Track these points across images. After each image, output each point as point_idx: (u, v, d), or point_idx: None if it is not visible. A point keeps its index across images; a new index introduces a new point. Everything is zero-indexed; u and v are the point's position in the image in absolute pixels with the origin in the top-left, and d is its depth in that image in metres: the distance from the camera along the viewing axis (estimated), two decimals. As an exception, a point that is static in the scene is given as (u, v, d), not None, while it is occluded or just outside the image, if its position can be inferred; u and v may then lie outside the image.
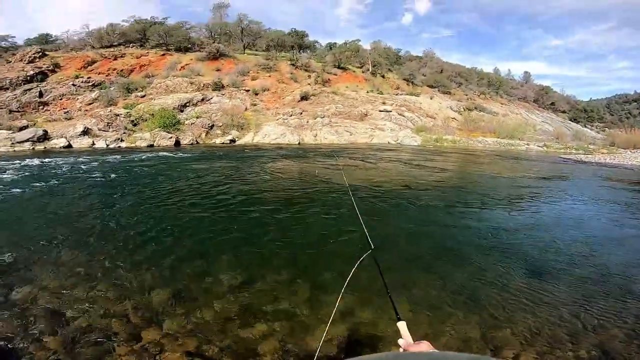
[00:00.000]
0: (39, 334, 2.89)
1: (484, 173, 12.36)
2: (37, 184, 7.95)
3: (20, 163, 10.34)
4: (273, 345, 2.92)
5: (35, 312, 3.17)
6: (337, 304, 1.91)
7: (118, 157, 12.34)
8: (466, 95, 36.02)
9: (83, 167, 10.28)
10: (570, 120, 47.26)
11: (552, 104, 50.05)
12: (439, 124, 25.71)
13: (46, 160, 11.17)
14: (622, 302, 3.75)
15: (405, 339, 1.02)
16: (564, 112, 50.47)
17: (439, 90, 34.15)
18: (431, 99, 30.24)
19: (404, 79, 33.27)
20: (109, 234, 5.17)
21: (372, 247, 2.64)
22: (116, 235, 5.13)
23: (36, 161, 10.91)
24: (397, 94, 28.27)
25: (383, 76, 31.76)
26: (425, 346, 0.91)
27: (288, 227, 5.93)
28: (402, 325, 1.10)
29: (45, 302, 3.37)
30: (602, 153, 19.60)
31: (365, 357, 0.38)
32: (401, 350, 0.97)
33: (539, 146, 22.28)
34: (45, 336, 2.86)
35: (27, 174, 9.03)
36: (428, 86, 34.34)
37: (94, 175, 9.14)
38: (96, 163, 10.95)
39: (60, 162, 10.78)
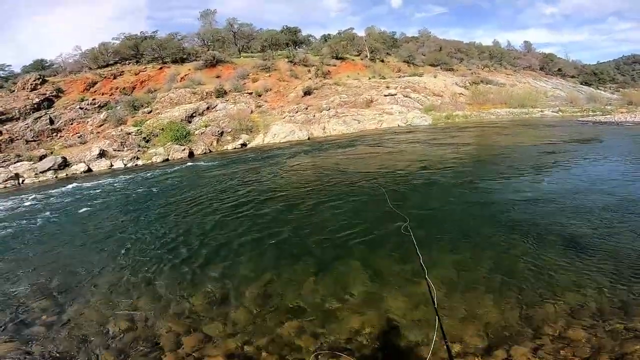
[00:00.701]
0: (95, 350, 3.04)
1: (502, 144, 12.12)
2: (71, 210, 8.31)
3: (49, 192, 10.70)
4: (308, 339, 2.95)
5: (88, 329, 3.40)
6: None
7: (137, 175, 12.67)
8: (469, 70, 35.25)
9: (108, 188, 10.63)
10: (582, 84, 45.75)
11: (559, 70, 48.58)
12: (447, 101, 25.33)
13: (71, 186, 11.47)
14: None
15: None
16: (573, 77, 48.90)
17: (441, 68, 33.52)
18: (435, 77, 29.75)
19: (404, 61, 32.75)
20: (142, 248, 5.44)
21: (408, 220, 2.66)
22: (148, 248, 5.39)
23: (63, 189, 11.26)
24: (399, 77, 27.92)
25: (382, 61, 31.32)
26: None
27: (312, 220, 5.96)
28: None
29: (94, 318, 3.60)
30: (622, 112, 19.05)
31: None
32: None
33: (553, 112, 21.78)
34: (100, 351, 3.02)
35: (59, 201, 9.38)
36: (430, 65, 33.73)
37: (119, 195, 9.50)
38: (119, 184, 11.28)
39: (86, 187, 11.12)
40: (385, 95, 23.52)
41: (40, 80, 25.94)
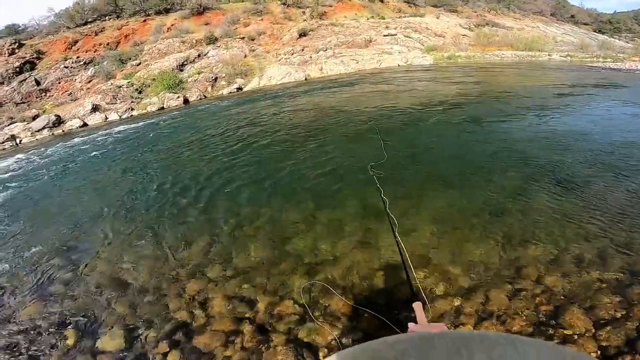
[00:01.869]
0: (107, 301, 3.17)
1: (505, 84, 11.62)
2: (71, 163, 8.12)
3: (47, 149, 10.43)
4: (301, 279, 3.05)
5: (101, 282, 3.44)
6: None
7: (134, 124, 12.33)
8: (475, 12, 32.87)
9: (106, 139, 10.35)
10: (595, 31, 42.73)
11: (572, 16, 45.23)
12: (449, 42, 23.83)
13: (68, 141, 11.18)
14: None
15: (420, 321, 0.94)
16: (586, 24, 45.61)
17: (444, 9, 31.21)
18: (437, 18, 27.79)
19: (405, 1, 30.44)
20: (144, 195, 5.38)
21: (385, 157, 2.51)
22: (150, 196, 5.33)
23: (61, 144, 10.99)
24: (400, 17, 26.03)
25: (382, 1, 29.07)
26: (439, 328, 0.82)
27: (309, 157, 5.90)
28: (417, 306, 1.03)
29: (105, 270, 3.63)
30: (634, 60, 17.83)
31: (390, 337, 0.35)
32: (413, 328, 0.89)
33: (561, 56, 20.43)
34: (112, 302, 3.14)
35: (58, 156, 9.15)
36: (432, 6, 31.38)
37: (118, 145, 9.25)
38: (116, 134, 10.98)
39: (84, 140, 10.83)
40: (384, 36, 22.09)
41: (17, 44, 24.44)
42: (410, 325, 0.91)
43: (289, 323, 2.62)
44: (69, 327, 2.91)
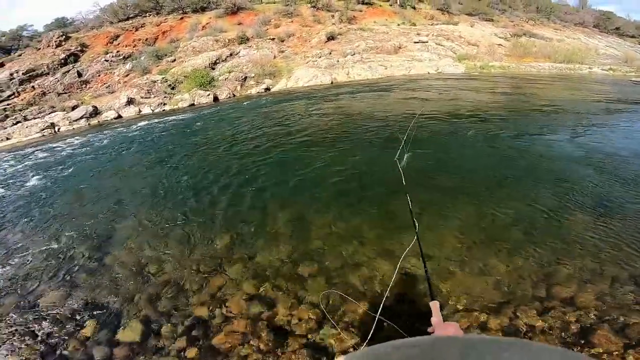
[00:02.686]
0: (128, 292, 3.18)
1: (542, 97, 11.11)
2: (103, 153, 8.49)
3: (83, 138, 11.04)
4: (321, 283, 3.01)
5: (125, 274, 3.47)
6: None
7: (165, 118, 12.84)
8: (512, 22, 31.74)
9: (138, 132, 10.82)
10: None
11: (617, 28, 42.69)
12: (483, 51, 23.13)
13: (103, 131, 11.79)
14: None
15: (436, 317, 1.02)
16: (633, 37, 42.88)
17: (479, 18, 30.34)
18: (472, 27, 27.07)
19: (438, 9, 29.88)
20: (171, 189, 5.50)
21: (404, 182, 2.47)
22: (177, 190, 5.44)
23: (96, 134, 11.57)
24: (432, 24, 25.56)
25: (414, 7, 28.71)
26: (453, 328, 0.90)
27: (334, 162, 5.88)
28: (434, 305, 1.10)
29: (130, 262, 3.67)
30: None
31: (397, 341, 0.35)
32: (430, 329, 0.97)
33: (603, 69, 19.27)
34: (134, 294, 3.15)
35: (93, 145, 9.65)
36: (466, 14, 30.60)
37: (149, 138, 9.65)
38: (148, 127, 11.49)
39: (117, 132, 11.39)
40: (415, 42, 21.77)
41: (64, 37, 26.15)
42: (432, 319, 1.00)
43: (307, 327, 2.61)
44: (89, 317, 2.93)
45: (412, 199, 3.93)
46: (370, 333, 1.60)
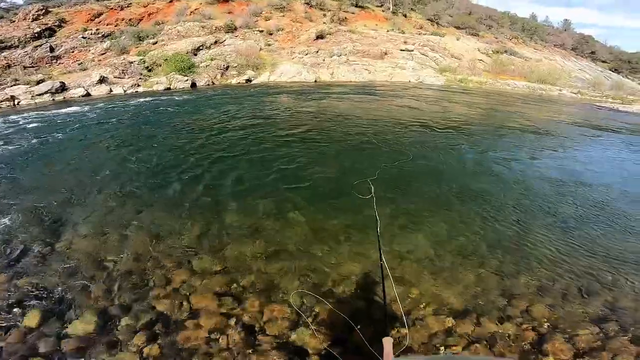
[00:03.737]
0: (83, 282, 2.91)
1: (511, 114, 11.60)
2: (65, 131, 7.82)
3: (45, 113, 10.34)
4: (293, 282, 2.93)
5: (79, 262, 3.20)
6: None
7: (136, 100, 12.23)
8: (496, 38, 32.76)
9: (105, 111, 10.22)
10: (611, 69, 42.48)
11: (592, 52, 45.11)
12: (465, 65, 23.63)
13: (68, 109, 11.08)
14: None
15: (387, 357, 0.96)
16: (604, 62, 45.42)
17: (466, 32, 31.12)
18: (457, 39, 27.60)
19: (428, 19, 30.40)
20: (136, 175, 5.11)
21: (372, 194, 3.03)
22: (142, 176, 5.06)
23: (60, 110, 10.88)
24: (420, 34, 25.92)
25: (405, 15, 29.08)
26: None
27: (310, 162, 5.76)
28: (387, 342, 1.05)
29: (86, 249, 3.33)
30: None
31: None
32: None
33: (572, 92, 20.18)
34: (89, 283, 2.89)
35: (54, 122, 8.95)
36: (455, 27, 31.32)
37: (116, 119, 9.09)
38: (117, 108, 10.88)
39: (83, 110, 10.70)
40: (401, 50, 21.98)
41: (44, 11, 24.74)
42: None
43: (278, 326, 2.51)
44: (34, 306, 2.63)
45: (381, 209, 3.90)
46: None
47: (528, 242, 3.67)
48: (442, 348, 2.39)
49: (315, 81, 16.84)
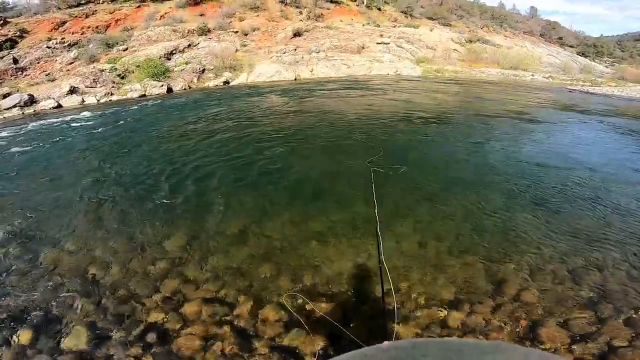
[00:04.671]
0: (71, 297, 2.85)
1: (488, 100, 11.99)
2: (40, 145, 7.45)
3: (15, 128, 9.79)
4: (285, 284, 2.91)
5: (65, 277, 3.08)
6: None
7: (111, 109, 11.85)
8: (468, 27, 33.58)
9: (79, 123, 9.78)
10: (578, 54, 44.40)
11: (560, 38, 47.09)
12: (440, 55, 24.13)
13: (39, 122, 10.60)
14: (625, 237, 3.46)
15: None
16: (571, 46, 47.43)
17: (439, 23, 31.72)
18: (431, 30, 28.14)
19: (402, 12, 30.78)
20: (117, 185, 4.95)
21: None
22: (124, 186, 4.91)
23: (31, 124, 10.35)
24: (394, 27, 26.23)
25: (379, 9, 29.32)
26: None
27: (292, 162, 5.70)
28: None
29: (69, 264, 3.22)
30: (610, 85, 18.49)
31: (383, 344, 0.36)
32: None
33: (544, 77, 20.97)
34: (77, 298, 2.83)
35: (27, 137, 8.49)
36: (427, 18, 31.89)
37: (91, 129, 8.75)
38: (91, 118, 10.46)
39: (56, 122, 10.24)
40: (377, 43, 22.19)
41: (2, 21, 23.42)
42: None
43: (272, 329, 2.49)
44: (24, 324, 2.59)
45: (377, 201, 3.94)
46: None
47: (514, 227, 3.67)
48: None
49: (295, 79, 16.74)
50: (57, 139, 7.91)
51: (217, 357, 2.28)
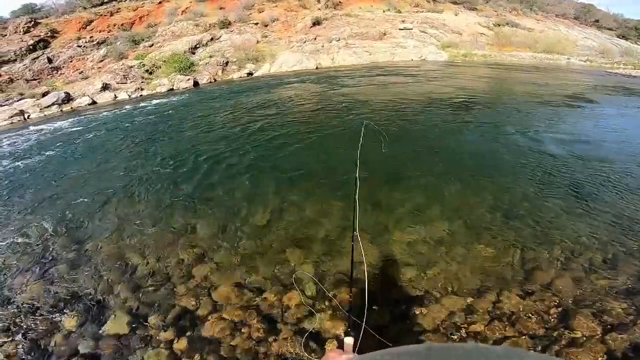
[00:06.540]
0: (111, 284, 3.04)
1: (522, 85, 11.35)
2: (79, 140, 7.93)
3: (56, 124, 10.37)
4: (309, 269, 2.99)
5: (106, 264, 3.30)
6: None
7: (143, 104, 12.27)
8: (495, 11, 31.96)
9: (114, 117, 10.27)
10: (618, 37, 41.15)
11: (597, 21, 43.66)
12: (467, 40, 23.19)
13: (77, 118, 11.13)
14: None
15: (344, 355, 0.85)
16: (610, 29, 44.02)
17: (464, 7, 30.41)
18: (456, 15, 27.09)
19: (424, -4, 29.67)
20: (151, 176, 5.21)
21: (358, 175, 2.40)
22: (157, 176, 5.17)
23: (70, 120, 10.92)
24: (417, 12, 25.43)
25: (400, -5, 28.40)
26: None
27: (321, 149, 5.73)
28: (349, 341, 0.99)
29: (110, 252, 3.45)
30: None
31: (394, 349, 0.35)
32: None
33: (581, 60, 19.71)
34: (116, 285, 3.02)
35: (67, 132, 9.03)
36: (451, 2, 30.60)
37: (126, 123, 9.17)
38: (124, 113, 10.96)
39: (92, 118, 10.76)
40: (400, 29, 21.61)
41: (33, 22, 24.57)
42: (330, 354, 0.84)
43: (296, 314, 2.57)
44: (71, 310, 2.79)
45: (393, 181, 3.97)
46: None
47: (547, 212, 3.52)
48: (464, 327, 2.35)
49: (317, 68, 16.67)
50: (95, 134, 8.32)
51: (245, 340, 2.37)
